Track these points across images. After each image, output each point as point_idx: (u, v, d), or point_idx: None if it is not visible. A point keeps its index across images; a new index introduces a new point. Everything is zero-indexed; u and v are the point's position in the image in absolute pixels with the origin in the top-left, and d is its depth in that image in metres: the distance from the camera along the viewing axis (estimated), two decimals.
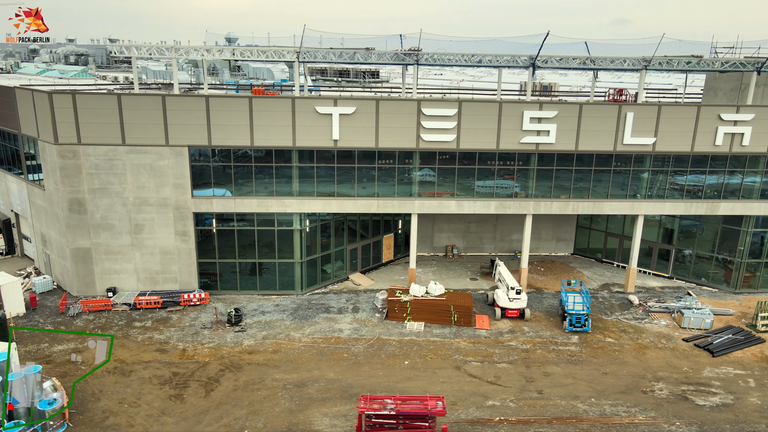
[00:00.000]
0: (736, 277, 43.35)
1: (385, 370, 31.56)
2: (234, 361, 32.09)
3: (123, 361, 31.75)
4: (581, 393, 29.71)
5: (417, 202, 40.18)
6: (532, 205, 40.83)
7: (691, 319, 36.96)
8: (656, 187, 41.22)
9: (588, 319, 36.18)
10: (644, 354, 34.02)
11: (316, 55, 40.06)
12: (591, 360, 33.18)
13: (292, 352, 33.23)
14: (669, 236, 46.62)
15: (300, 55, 39.05)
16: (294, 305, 39.44)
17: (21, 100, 39.95)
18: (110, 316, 37.15)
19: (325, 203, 39.52)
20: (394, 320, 37.35)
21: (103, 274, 39.70)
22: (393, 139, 38.57)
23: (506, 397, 29.19)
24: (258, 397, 28.69)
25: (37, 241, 43.41)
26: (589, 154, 40.01)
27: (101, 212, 38.38)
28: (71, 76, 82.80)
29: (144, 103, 36.86)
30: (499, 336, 35.95)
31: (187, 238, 39.34)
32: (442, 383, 30.34)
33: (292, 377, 30.56)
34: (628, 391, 30.07)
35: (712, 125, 39.56)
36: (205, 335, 34.92)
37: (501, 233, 51.09)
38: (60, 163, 37.31)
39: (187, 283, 40.23)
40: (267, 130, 37.65)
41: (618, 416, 27.73)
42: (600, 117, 39.00)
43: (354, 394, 29.11)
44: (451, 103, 38.45)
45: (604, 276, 46.92)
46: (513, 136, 38.99)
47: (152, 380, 29.94)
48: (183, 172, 38.12)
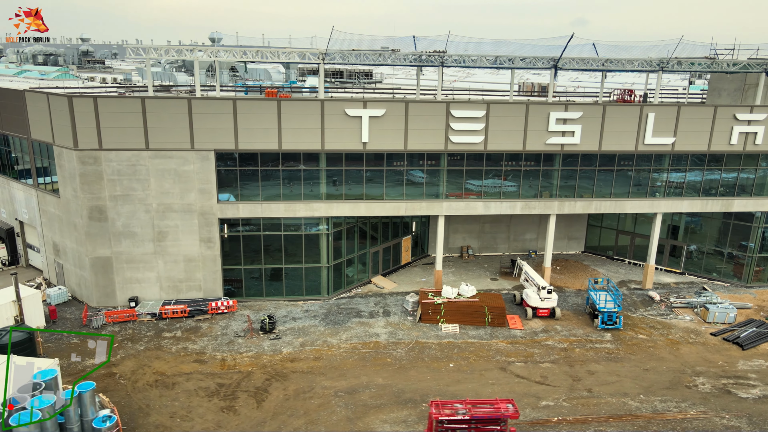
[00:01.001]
0: (748, 272, 44.79)
1: (432, 373, 31.42)
2: (277, 369, 31.45)
3: (163, 373, 30.75)
4: (629, 390, 30.20)
5: (445, 204, 40.17)
6: (556, 205, 41.30)
7: (716, 313, 38.00)
8: (674, 186, 42.23)
9: (620, 317, 36.81)
10: (678, 349, 34.81)
11: (340, 57, 39.55)
12: (629, 357, 33.76)
13: (335, 358, 32.76)
14: (675, 233, 47.83)
15: (325, 56, 38.49)
16: (323, 310, 38.91)
17: (32, 104, 38.28)
18: (136, 327, 35.93)
19: (353, 207, 39.09)
20: (428, 323, 37.24)
21: (124, 284, 38.37)
22: (422, 141, 38.44)
23: (558, 396, 29.43)
24: (312, 405, 28.18)
25: (47, 250, 41.64)
26: (610, 154, 40.69)
27: (123, 219, 37.08)
28: (54, 77, 79.72)
29: (169, 107, 35.78)
30: (535, 336, 36.24)
31: (212, 245, 38.37)
32: (492, 385, 30.40)
33: (341, 384, 30.13)
34: (672, 386, 30.71)
35: (728, 125, 40.77)
36: (240, 344, 34.11)
37: (515, 233, 51.54)
38: (80, 169, 35.88)
39: (211, 290, 39.23)
40: (295, 133, 37.02)
41: (670, 412, 28.29)
42: (623, 118, 39.72)
43: (407, 399, 28.90)
44: (480, 104, 38.56)
45: (619, 273, 47.82)
46: (539, 137, 39.35)
47: (198, 392, 29.07)
48: (209, 177, 37.15)
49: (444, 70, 44.59)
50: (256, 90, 51.61)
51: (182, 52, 38.89)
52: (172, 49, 39.57)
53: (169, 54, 39.22)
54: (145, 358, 32.22)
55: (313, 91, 53.92)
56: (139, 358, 32.27)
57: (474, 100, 44.96)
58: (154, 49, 38.75)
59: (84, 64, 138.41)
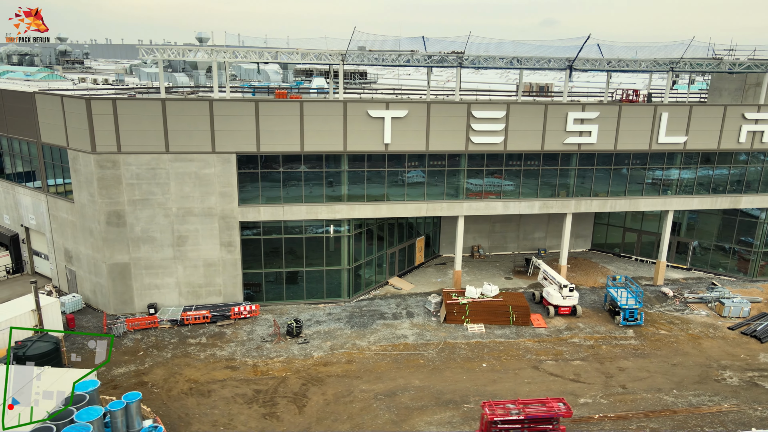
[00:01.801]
0: (753, 266, 46.03)
1: (467, 374, 31.49)
2: (311, 374, 31.12)
3: (196, 381, 30.14)
4: (661, 385, 30.74)
5: (465, 204, 40.31)
6: (573, 204, 41.82)
7: (731, 308, 38.96)
8: (684, 184, 43.14)
9: (641, 314, 37.45)
10: (700, 344, 35.57)
11: (357, 58, 39.36)
12: (655, 353, 34.36)
13: (367, 361, 32.58)
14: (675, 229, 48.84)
15: (345, 57, 38.23)
16: (346, 313, 38.66)
17: (42, 107, 37.14)
18: (159, 334, 35.17)
19: (375, 208, 38.93)
20: (452, 323, 37.32)
21: (142, 290, 37.51)
22: (443, 142, 38.50)
23: (595, 393, 29.79)
24: (354, 410, 27.97)
25: (58, 257, 40.44)
26: (625, 154, 41.37)
27: (142, 224, 36.24)
28: (40, 78, 77.48)
29: (190, 109, 35.09)
30: (559, 334, 36.61)
31: (233, 249, 37.78)
32: (528, 384, 30.62)
33: (379, 387, 29.98)
34: (702, 380, 31.37)
35: (737, 123, 41.83)
36: (269, 349, 33.66)
37: (524, 232, 52.01)
38: (98, 173, 34.94)
39: (231, 295, 38.63)
40: (318, 135, 36.69)
41: (705, 406, 28.89)
42: (637, 117, 40.41)
43: (447, 400, 28.92)
44: (500, 105, 38.79)
45: (628, 270, 48.64)
46: (557, 137, 39.77)
47: (236, 399, 28.59)
48: (230, 180, 36.57)
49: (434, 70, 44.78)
50: (263, 91, 50.97)
51: (198, 53, 38.20)
52: (186, 50, 38.83)
53: (184, 55, 38.48)
54: (175, 366, 31.55)
55: (321, 91, 53.52)
56: (168, 365, 31.59)
57: (495, 101, 45.15)
58: (164, 48, 37.96)
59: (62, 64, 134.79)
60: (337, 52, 38.59)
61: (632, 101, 51.05)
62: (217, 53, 37.60)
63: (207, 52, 38.41)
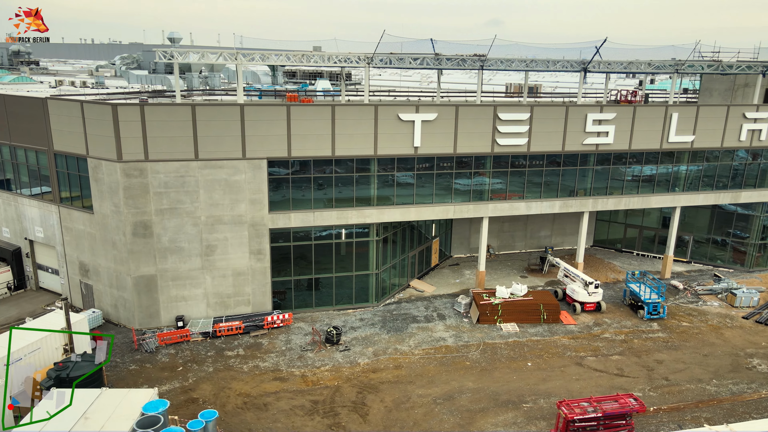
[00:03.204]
0: (750, 258, 48.55)
1: (515, 374, 31.90)
2: (363, 381, 30.81)
3: (248, 394, 29.32)
4: (700, 376, 32.04)
5: (490, 206, 40.80)
6: (590, 203, 42.98)
7: (742, 298, 40.98)
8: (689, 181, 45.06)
9: (664, 307, 38.89)
10: (722, 334, 37.26)
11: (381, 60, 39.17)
12: (684, 344, 35.76)
13: (414, 366, 32.52)
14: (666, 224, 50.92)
15: (373, 60, 37.99)
16: (378, 318, 38.45)
17: (56, 113, 35.24)
18: (193, 348, 34.00)
19: (404, 211, 38.89)
20: (485, 324, 37.71)
21: (169, 302, 36.17)
22: (470, 144, 38.83)
23: (642, 387, 30.76)
24: (417, 415, 27.88)
25: (71, 271, 38.44)
26: (638, 153, 42.84)
27: (169, 234, 34.93)
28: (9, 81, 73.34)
29: (220, 114, 34.08)
30: (590, 330, 37.58)
31: (263, 257, 36.93)
32: (577, 381, 31.31)
33: (435, 391, 30.00)
34: (735, 369, 32.88)
35: (738, 123, 43.99)
36: (312, 358, 33.10)
37: (531, 230, 53.04)
38: (124, 182, 33.46)
39: (260, 304, 37.76)
40: (349, 139, 36.34)
41: (746, 393, 30.32)
42: (650, 118, 41.93)
43: (505, 401, 29.23)
44: (524, 107, 39.43)
45: (632, 265, 50.34)
46: (577, 138, 40.80)
47: (295, 411, 28.01)
48: (260, 187, 35.73)
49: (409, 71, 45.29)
50: (270, 94, 49.96)
51: (223, 56, 37.10)
52: (208, 52, 37.67)
53: (206, 57, 37.33)
54: (221, 380, 30.59)
55: (327, 94, 52.97)
56: (213, 380, 30.59)
57: (520, 103, 45.78)
58: (184, 50, 36.73)
59: (16, 65, 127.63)
60: (364, 56, 38.30)
61: (631, 102, 52.89)
62: (243, 56, 36.61)
63: (230, 55, 37.33)
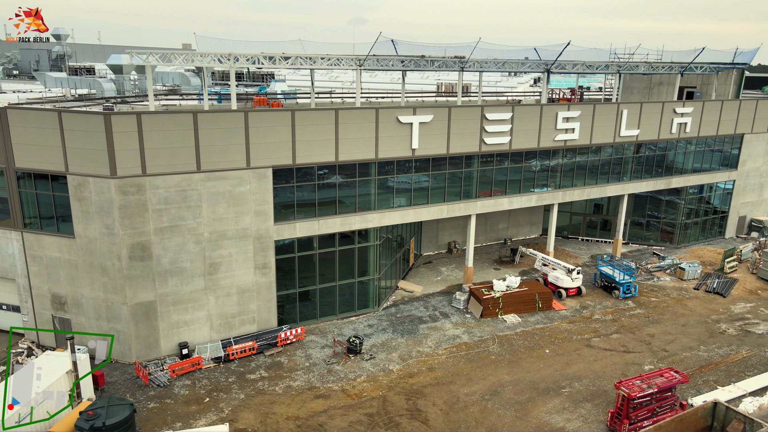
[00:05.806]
0: (677, 236, 55.12)
1: (540, 361, 33.55)
2: (405, 387, 30.58)
3: (296, 417, 27.80)
4: (689, 344, 36.02)
5: (479, 203, 42.18)
6: (560, 195, 46.11)
7: (689, 271, 46.52)
8: (634, 169, 50.10)
9: (635, 286, 42.98)
10: (686, 305, 42.06)
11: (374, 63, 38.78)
12: (662, 318, 39.86)
13: (446, 366, 32.87)
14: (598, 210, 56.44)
15: (365, 62, 37.43)
16: (385, 322, 38.17)
17: (18, 124, 30.46)
18: (209, 375, 31.38)
19: (403, 214, 38.92)
20: (488, 317, 39.05)
21: (170, 329, 32.95)
22: (461, 144, 39.84)
23: (651, 359, 33.92)
24: (475, 413, 28.35)
25: (38, 306, 33.43)
26: (597, 147, 46.73)
27: (170, 255, 31.81)
28: None
29: (223, 121, 31.68)
30: (580, 313, 40.47)
31: (268, 271, 34.97)
32: (596, 361, 33.70)
33: (477, 388, 30.64)
34: (712, 335, 37.39)
35: (670, 117, 49.67)
36: (342, 371, 32.12)
37: (491, 224, 55.47)
38: (120, 200, 29.86)
39: (266, 321, 35.74)
40: (352, 144, 35.61)
41: (732, 355, 34.67)
42: (606, 114, 45.91)
43: (546, 388, 30.70)
44: (507, 107, 41.24)
45: (582, 249, 54.81)
46: (549, 135, 43.52)
47: (355, 427, 27.13)
48: (266, 197, 33.79)
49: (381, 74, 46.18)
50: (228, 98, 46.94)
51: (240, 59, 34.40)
52: (223, 56, 34.71)
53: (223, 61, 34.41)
54: (260, 406, 28.64)
55: (288, 96, 50.96)
56: (251, 407, 28.55)
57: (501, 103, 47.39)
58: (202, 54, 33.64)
59: None
60: (355, 58, 37.61)
61: (569, 100, 57.35)
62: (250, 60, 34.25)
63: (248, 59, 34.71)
